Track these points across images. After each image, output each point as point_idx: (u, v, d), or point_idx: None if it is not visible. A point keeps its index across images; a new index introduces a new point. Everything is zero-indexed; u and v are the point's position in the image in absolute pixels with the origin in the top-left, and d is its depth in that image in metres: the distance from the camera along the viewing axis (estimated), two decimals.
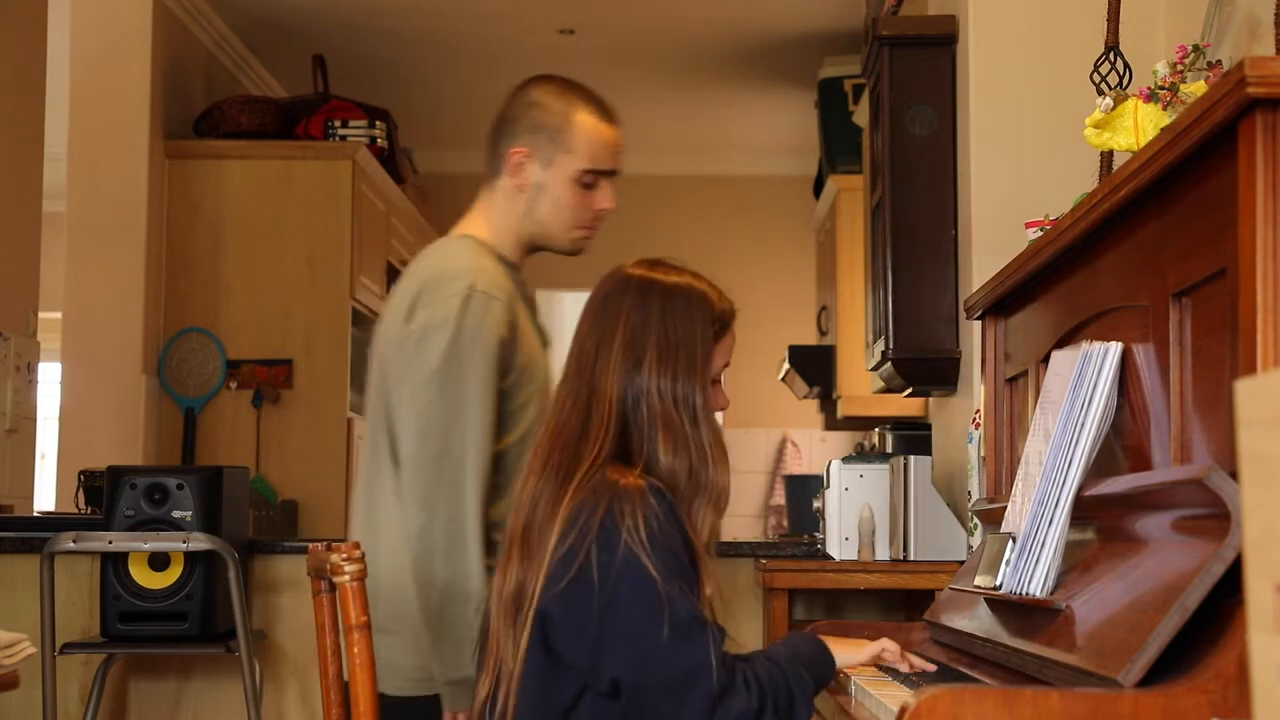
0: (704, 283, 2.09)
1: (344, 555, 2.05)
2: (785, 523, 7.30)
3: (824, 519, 3.60)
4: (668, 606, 1.88)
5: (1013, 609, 2.02)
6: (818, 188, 6.92)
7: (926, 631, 2.49)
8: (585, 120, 2.55)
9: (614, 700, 1.92)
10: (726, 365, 2.11)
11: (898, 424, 4.70)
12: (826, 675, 2.04)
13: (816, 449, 8.09)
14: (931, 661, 2.25)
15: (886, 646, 2.16)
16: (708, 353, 2.05)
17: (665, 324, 2.03)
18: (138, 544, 3.50)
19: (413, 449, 2.37)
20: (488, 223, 2.58)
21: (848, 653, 2.11)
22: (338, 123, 6.02)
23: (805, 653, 2.04)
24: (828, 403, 6.53)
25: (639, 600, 1.89)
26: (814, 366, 6.35)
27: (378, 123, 6.10)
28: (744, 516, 8.08)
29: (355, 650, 2.05)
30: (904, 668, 2.16)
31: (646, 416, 2.01)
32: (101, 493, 3.73)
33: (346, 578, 2.05)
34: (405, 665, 2.42)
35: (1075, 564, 1.93)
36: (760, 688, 1.92)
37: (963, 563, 3.01)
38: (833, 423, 6.58)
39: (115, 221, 5.53)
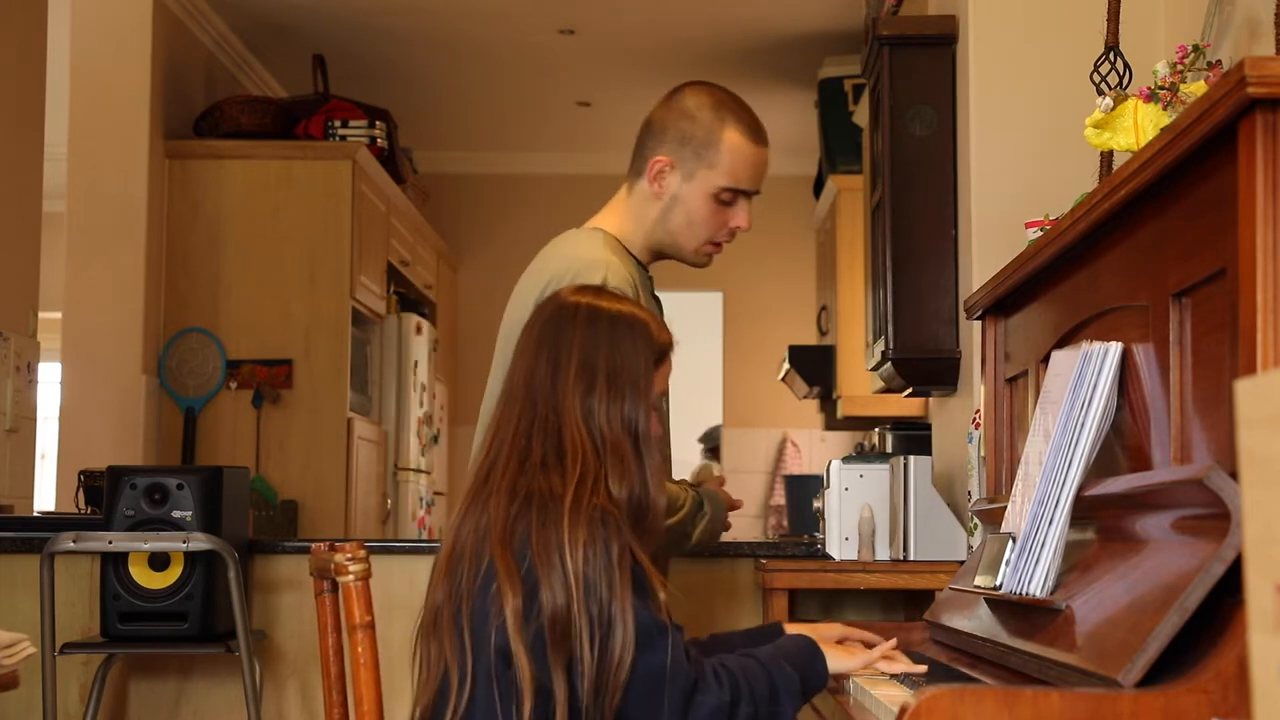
0: (645, 313, 2.13)
1: (348, 555, 2.06)
2: (785, 523, 7.30)
3: (824, 519, 3.60)
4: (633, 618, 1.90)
5: (1013, 609, 2.03)
6: (818, 188, 6.92)
7: (926, 631, 2.49)
8: (733, 138, 2.56)
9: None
10: (664, 393, 2.14)
11: (898, 424, 4.70)
12: (816, 674, 2.06)
13: (816, 449, 8.09)
14: (930, 661, 2.25)
15: (885, 655, 2.16)
16: (650, 379, 2.07)
17: (613, 350, 2.05)
18: (138, 544, 3.50)
19: None
20: (620, 221, 2.61)
21: (843, 658, 2.11)
22: (338, 123, 6.02)
23: (791, 651, 2.07)
24: (828, 403, 6.53)
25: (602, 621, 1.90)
26: (814, 366, 6.35)
27: (378, 123, 6.10)
28: (744, 516, 8.07)
29: (359, 650, 2.05)
30: (895, 669, 2.15)
31: (602, 441, 2.02)
32: (101, 493, 3.73)
33: (351, 578, 2.05)
34: None
35: (1075, 564, 1.93)
36: (733, 680, 1.95)
37: (963, 563, 3.01)
38: (833, 423, 6.58)
39: (115, 221, 5.53)
